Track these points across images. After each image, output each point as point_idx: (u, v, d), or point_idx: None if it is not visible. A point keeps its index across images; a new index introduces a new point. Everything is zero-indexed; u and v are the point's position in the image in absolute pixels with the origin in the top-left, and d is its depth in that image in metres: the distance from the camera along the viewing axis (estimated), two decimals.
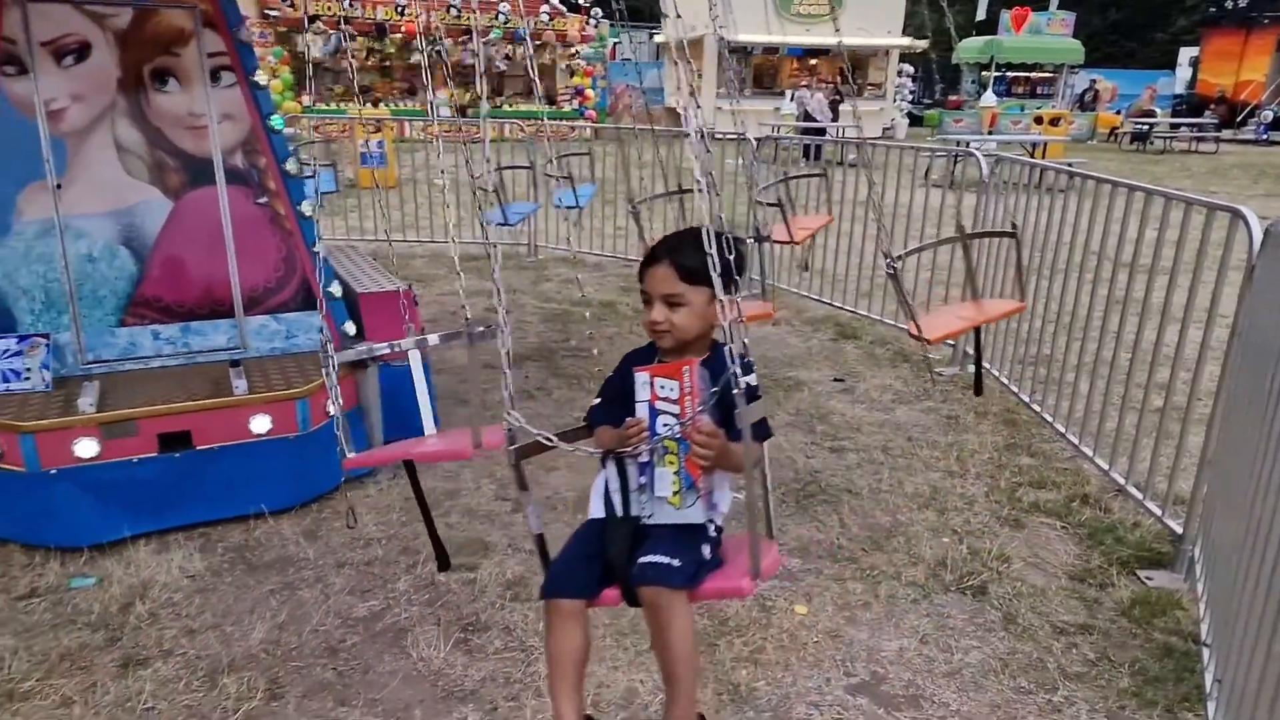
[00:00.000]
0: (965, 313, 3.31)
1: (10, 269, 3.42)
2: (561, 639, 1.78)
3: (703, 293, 1.79)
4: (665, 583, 1.66)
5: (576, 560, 1.83)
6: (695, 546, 1.75)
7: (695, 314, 1.82)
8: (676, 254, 1.83)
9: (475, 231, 8.69)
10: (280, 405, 3.35)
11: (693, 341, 1.83)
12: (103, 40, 3.40)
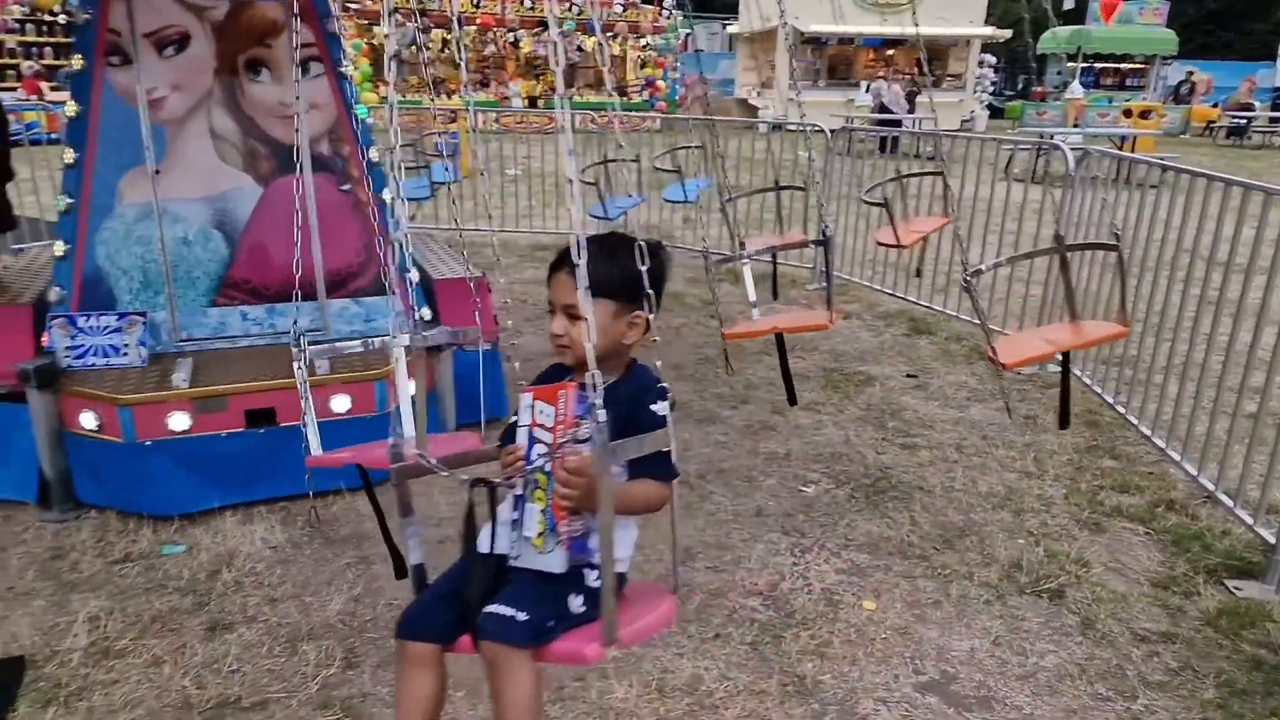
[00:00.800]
0: (1054, 336, 3.07)
1: (112, 250, 3.60)
2: (409, 685, 1.63)
3: (605, 306, 1.60)
4: (503, 639, 1.50)
5: (436, 600, 1.66)
6: (558, 598, 1.56)
7: (597, 329, 1.55)
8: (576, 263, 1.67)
9: (545, 222, 8.80)
10: (359, 386, 3.46)
11: (611, 359, 1.63)
12: (201, 31, 3.55)
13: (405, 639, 1.64)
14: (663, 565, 2.96)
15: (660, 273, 1.64)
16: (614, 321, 1.65)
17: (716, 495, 3.49)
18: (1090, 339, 3.35)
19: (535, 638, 1.53)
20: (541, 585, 1.56)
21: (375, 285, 3.91)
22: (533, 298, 6.35)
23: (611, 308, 1.63)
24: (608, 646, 1.50)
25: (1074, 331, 3.05)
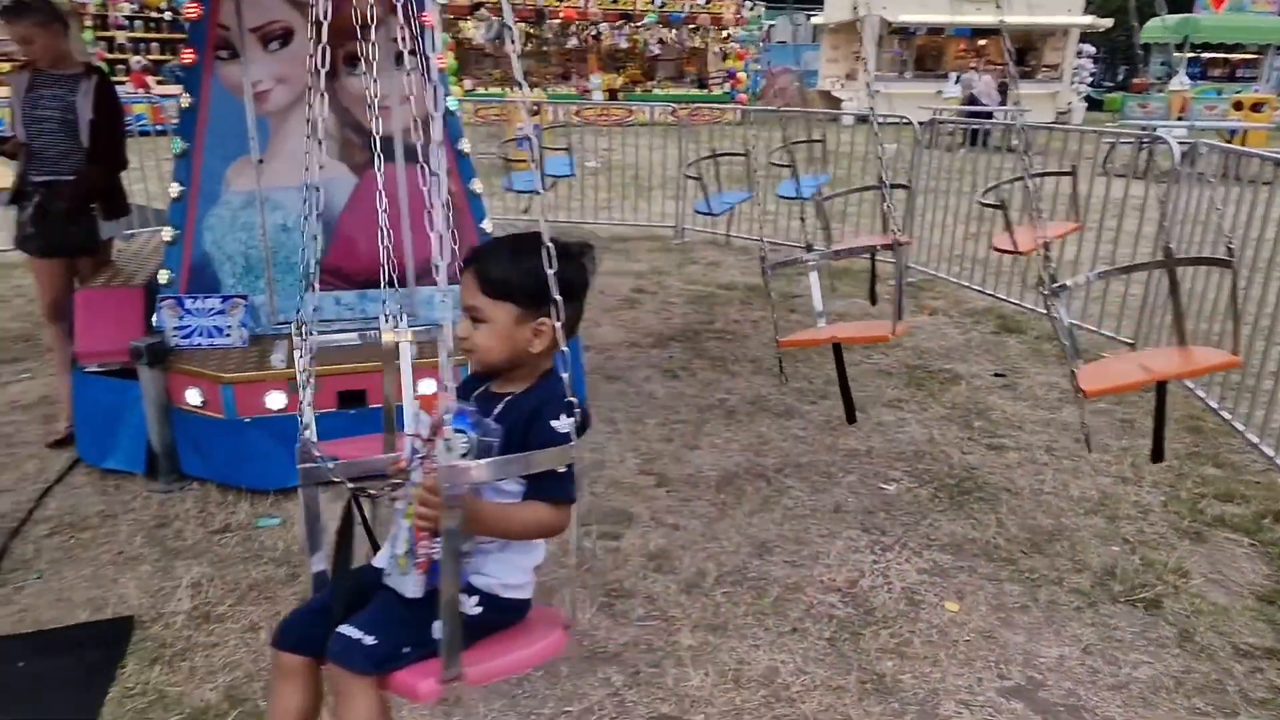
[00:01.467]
0: (1153, 362, 2.78)
1: (218, 236, 3.78)
2: (278, 696, 1.58)
3: (506, 310, 1.51)
4: (343, 663, 1.44)
5: (311, 612, 1.60)
6: (419, 624, 1.45)
7: (496, 334, 1.52)
8: (483, 261, 1.58)
9: (625, 214, 8.85)
10: None
11: (516, 368, 1.55)
12: (304, 26, 3.69)
13: (278, 648, 1.59)
14: (738, 557, 2.97)
15: (572, 277, 1.51)
16: (516, 328, 1.53)
17: (794, 490, 3.46)
18: (1194, 368, 3.06)
19: (378, 665, 1.46)
20: (403, 608, 1.46)
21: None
22: (611, 289, 6.41)
23: (514, 312, 1.52)
24: (446, 684, 1.41)
25: (1177, 358, 2.79)
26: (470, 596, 1.52)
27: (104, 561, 3.02)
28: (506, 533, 1.50)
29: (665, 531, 3.13)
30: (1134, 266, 3.03)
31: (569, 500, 1.50)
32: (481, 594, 1.54)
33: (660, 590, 2.78)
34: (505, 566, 1.56)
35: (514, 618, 1.61)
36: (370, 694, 1.47)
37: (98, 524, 3.24)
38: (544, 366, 1.57)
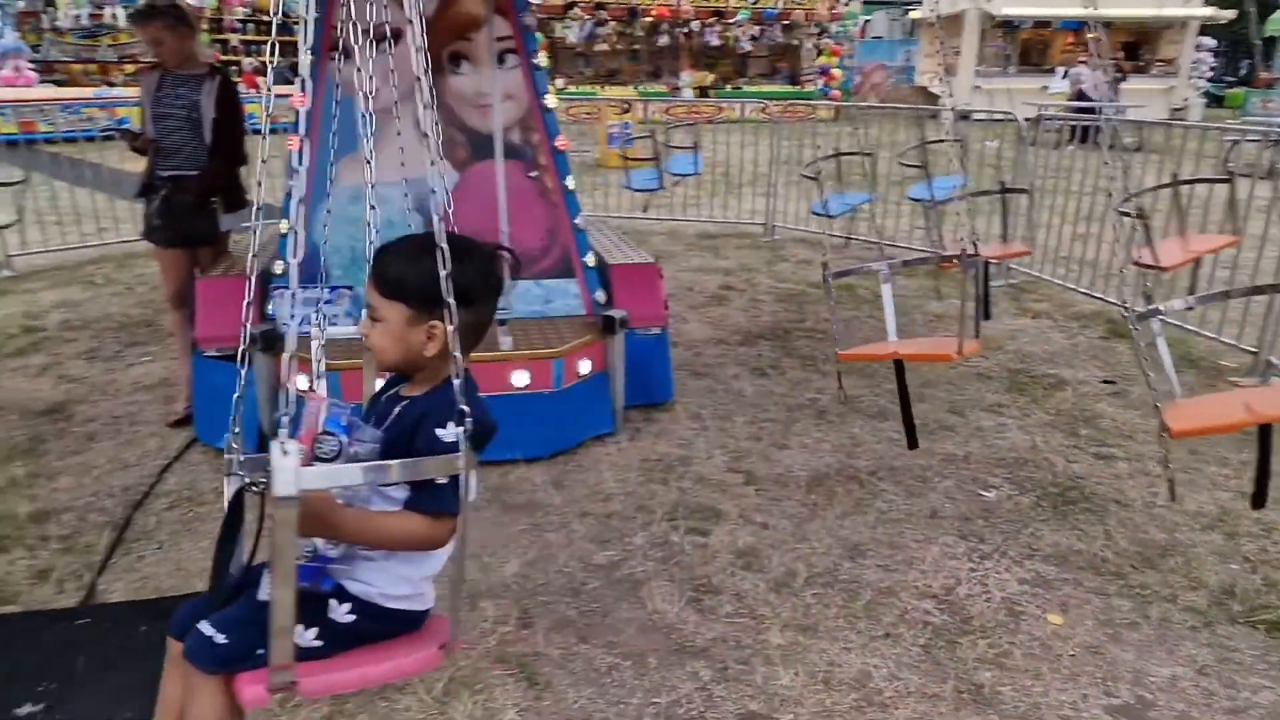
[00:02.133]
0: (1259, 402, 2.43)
1: (328, 229, 3.94)
2: (167, 682, 1.60)
3: (399, 310, 1.49)
4: (191, 659, 1.43)
5: (203, 603, 1.57)
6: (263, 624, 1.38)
7: (390, 334, 1.50)
8: (381, 259, 1.56)
9: (713, 210, 8.82)
10: (538, 363, 3.62)
11: (418, 370, 1.53)
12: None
13: (169, 635, 1.59)
14: (828, 559, 2.92)
15: (469, 281, 1.47)
16: (409, 329, 1.50)
17: (888, 493, 3.39)
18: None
19: (223, 664, 1.44)
20: (262, 610, 1.38)
21: (556, 268, 4.07)
22: (699, 285, 6.40)
23: (406, 313, 1.49)
24: (274, 692, 1.38)
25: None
26: (342, 604, 1.50)
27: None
28: (369, 541, 1.46)
29: (754, 530, 3.11)
30: (1260, 288, 2.72)
31: (447, 513, 1.44)
32: (356, 601, 1.51)
33: (749, 588, 2.77)
34: (387, 576, 1.52)
35: (398, 628, 1.57)
36: (214, 693, 1.46)
37: (213, 500, 3.43)
38: (445, 371, 1.46)
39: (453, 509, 1.44)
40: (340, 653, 1.51)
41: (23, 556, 3.01)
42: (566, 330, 3.83)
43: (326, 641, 1.50)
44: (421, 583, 1.57)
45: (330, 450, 1.42)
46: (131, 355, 5.05)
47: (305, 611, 1.40)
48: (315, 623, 1.48)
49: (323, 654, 1.50)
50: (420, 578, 1.57)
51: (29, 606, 2.76)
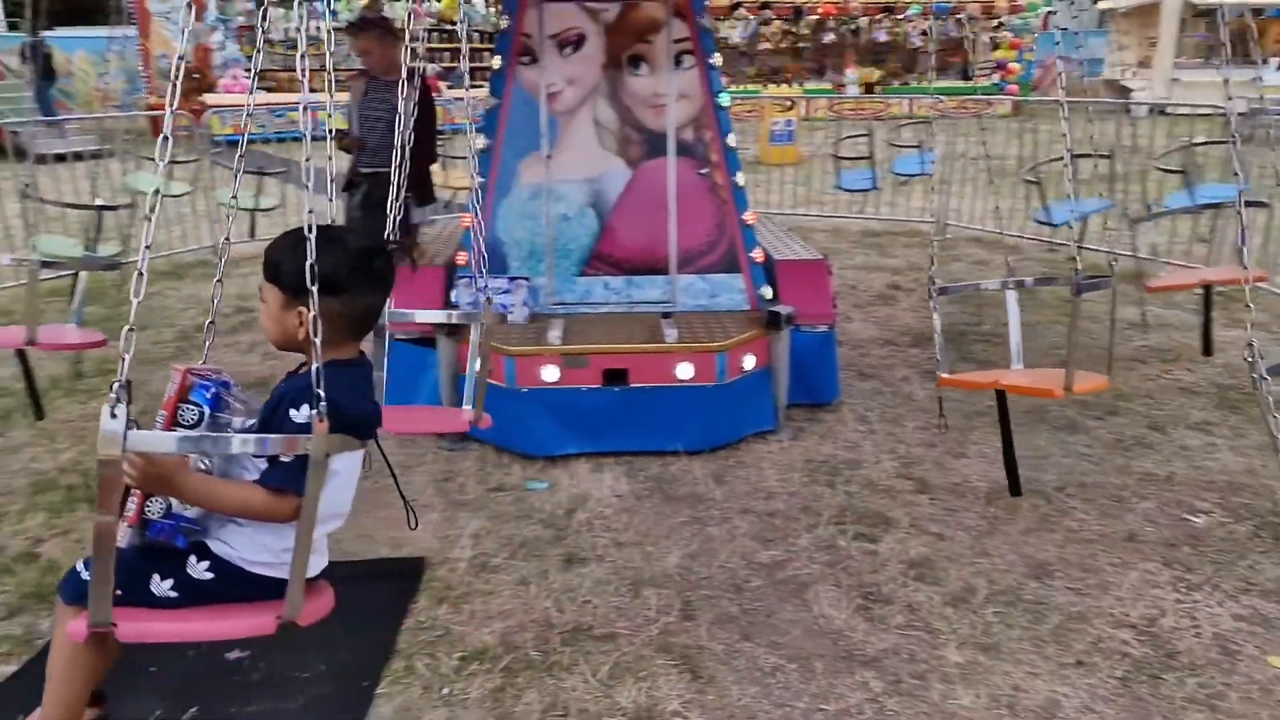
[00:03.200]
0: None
1: (509, 223, 4.13)
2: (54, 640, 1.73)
3: (275, 293, 1.57)
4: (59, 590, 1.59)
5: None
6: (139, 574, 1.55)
7: (269, 315, 1.59)
8: (271, 244, 1.63)
9: (878, 208, 8.53)
10: (702, 356, 3.63)
11: (301, 351, 1.58)
12: (594, 31, 3.94)
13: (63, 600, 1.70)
14: (1011, 576, 2.76)
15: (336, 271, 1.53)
16: (283, 312, 1.58)
17: (1078, 511, 3.15)
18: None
19: (81, 598, 1.52)
20: (132, 556, 1.55)
21: (722, 263, 4.07)
22: (864, 284, 6.21)
23: (280, 296, 1.58)
24: (92, 629, 1.47)
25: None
26: (201, 561, 1.60)
27: (400, 506, 3.40)
28: (210, 506, 1.55)
29: (928, 540, 2.98)
30: None
31: (287, 489, 1.49)
32: (216, 560, 1.60)
33: (923, 600, 2.65)
34: (249, 542, 1.61)
35: (256, 592, 1.63)
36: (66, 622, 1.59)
37: (397, 472, 3.66)
38: (327, 354, 1.54)
39: (295, 487, 1.50)
40: (194, 605, 1.62)
41: None
42: (731, 325, 3.82)
43: (181, 594, 1.61)
44: (283, 553, 1.62)
45: (190, 419, 1.56)
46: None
47: (164, 564, 1.58)
48: (172, 575, 1.61)
49: (177, 604, 1.61)
50: (282, 548, 1.62)
51: None
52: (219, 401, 1.63)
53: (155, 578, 1.59)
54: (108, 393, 1.37)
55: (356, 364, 1.71)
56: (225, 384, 1.69)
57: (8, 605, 2.76)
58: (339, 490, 1.68)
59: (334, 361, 1.59)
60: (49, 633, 2.63)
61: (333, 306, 1.55)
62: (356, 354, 1.74)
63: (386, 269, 1.72)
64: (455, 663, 2.48)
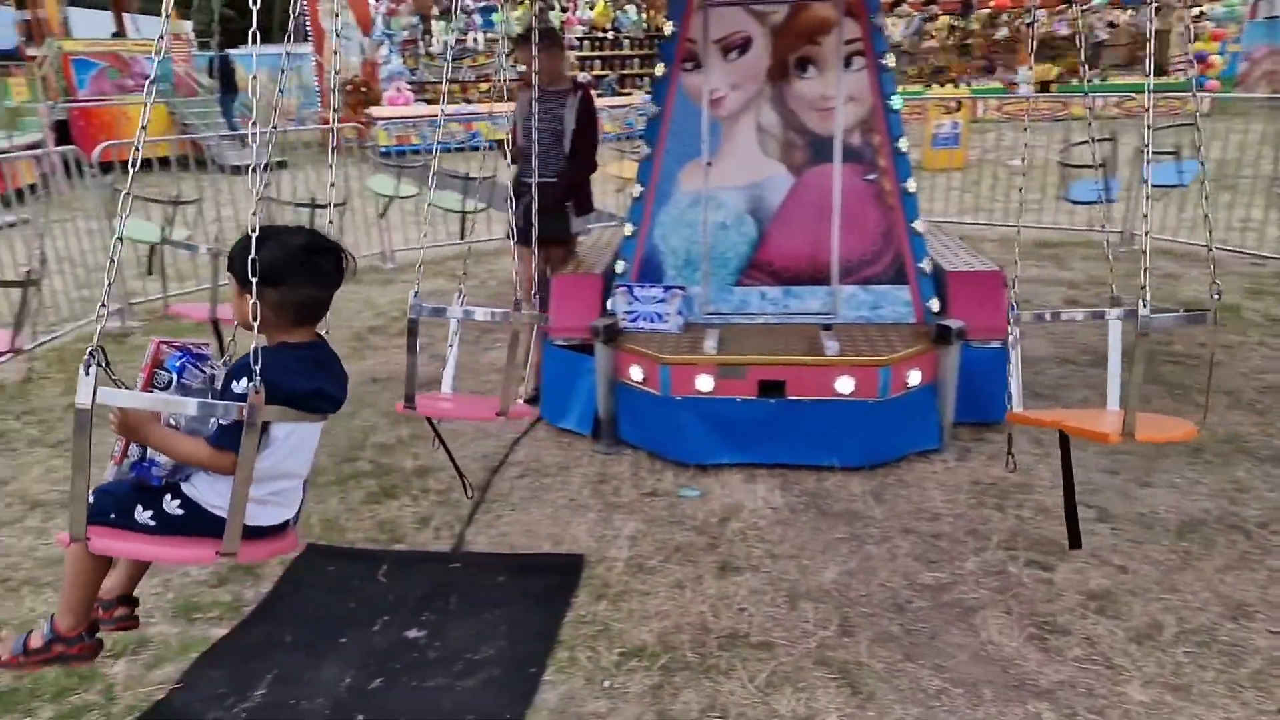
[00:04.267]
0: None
1: (666, 231, 4.20)
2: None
3: (232, 282, 1.84)
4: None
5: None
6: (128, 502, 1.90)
7: (232, 301, 1.90)
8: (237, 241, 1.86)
9: (1056, 216, 8.02)
10: (865, 370, 3.54)
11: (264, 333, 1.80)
12: (761, 35, 3.93)
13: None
14: (1205, 616, 2.54)
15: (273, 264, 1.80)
16: (239, 299, 1.83)
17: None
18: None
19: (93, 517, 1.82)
20: (126, 489, 1.92)
21: (888, 273, 3.96)
22: (1038, 298, 5.86)
23: (235, 285, 1.84)
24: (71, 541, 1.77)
25: None
26: (173, 499, 1.91)
27: (559, 504, 3.54)
28: (168, 454, 1.86)
29: (1109, 572, 2.78)
30: None
31: (225, 448, 1.79)
32: (186, 500, 1.91)
33: (1103, 634, 2.49)
34: (210, 489, 1.90)
35: (214, 530, 1.87)
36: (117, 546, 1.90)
37: (555, 472, 3.81)
38: (278, 337, 1.91)
39: (232, 447, 1.78)
40: (167, 535, 1.92)
41: (408, 504, 3.57)
42: (896, 338, 3.71)
43: (158, 524, 1.91)
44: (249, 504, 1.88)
45: (161, 382, 1.89)
46: (487, 340, 5.76)
47: (147, 499, 1.91)
48: (151, 508, 1.91)
49: (153, 532, 1.91)
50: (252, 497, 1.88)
51: (412, 546, 3.27)
52: (185, 370, 1.96)
53: (139, 508, 1.91)
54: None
55: (307, 346, 1.96)
56: (201, 356, 2.01)
57: (217, 575, 3.08)
58: (286, 454, 1.93)
59: (283, 344, 1.92)
60: (254, 600, 2.93)
61: (272, 296, 1.84)
62: (310, 338, 2.00)
63: (328, 265, 1.97)
64: (615, 657, 2.55)
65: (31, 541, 3.33)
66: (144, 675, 2.57)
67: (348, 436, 4.23)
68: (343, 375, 2.03)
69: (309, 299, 1.95)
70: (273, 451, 1.88)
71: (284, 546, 2.09)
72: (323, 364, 1.98)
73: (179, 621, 2.82)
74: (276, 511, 2.00)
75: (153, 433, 1.84)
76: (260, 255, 1.76)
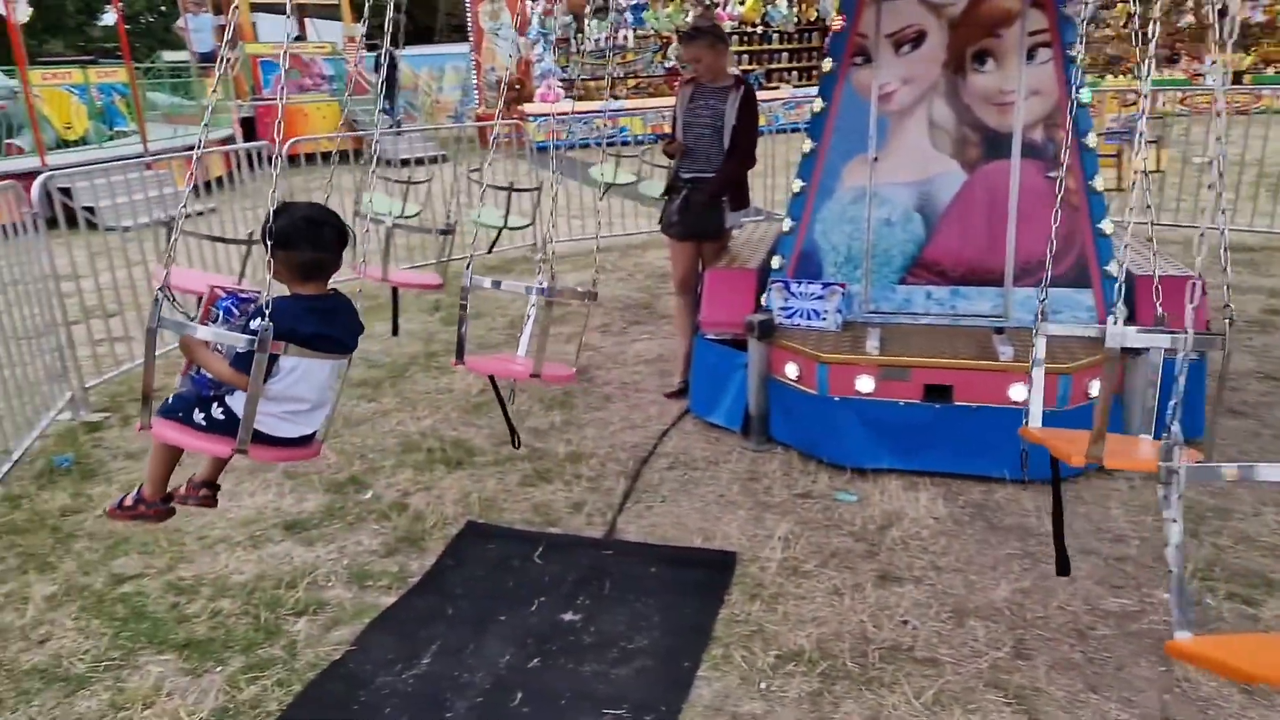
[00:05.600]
0: None
1: (827, 227, 4.10)
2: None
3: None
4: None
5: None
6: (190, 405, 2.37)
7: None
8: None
9: (1252, 219, 7.32)
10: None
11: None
12: (936, 28, 3.77)
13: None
14: None
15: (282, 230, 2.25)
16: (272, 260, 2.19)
17: None
18: None
19: (162, 413, 2.36)
20: (191, 396, 2.42)
21: (1068, 276, 3.72)
22: (1235, 306, 5.33)
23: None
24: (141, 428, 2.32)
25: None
26: (218, 408, 2.34)
27: (709, 499, 3.53)
28: (210, 372, 2.33)
29: None
30: None
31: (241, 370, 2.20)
32: (228, 410, 2.32)
33: None
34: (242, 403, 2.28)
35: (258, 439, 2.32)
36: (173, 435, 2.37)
37: (703, 467, 3.80)
38: (294, 289, 2.37)
39: (245, 370, 2.18)
40: (211, 433, 2.33)
41: (560, 489, 3.65)
42: (1077, 345, 3.48)
43: (208, 425, 2.34)
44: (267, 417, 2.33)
45: (212, 319, 2.51)
46: (635, 332, 5.83)
47: (204, 405, 2.36)
48: (204, 411, 2.36)
49: (202, 429, 2.34)
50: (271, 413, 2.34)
51: (566, 530, 3.34)
52: (230, 311, 2.55)
53: (196, 411, 2.37)
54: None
55: (316, 298, 2.39)
56: (245, 300, 2.55)
57: (386, 546, 3.26)
58: (295, 382, 2.34)
59: (296, 295, 2.36)
60: (419, 571, 3.08)
61: (284, 257, 2.27)
62: (320, 291, 2.41)
63: (329, 235, 2.40)
64: (771, 660, 2.52)
65: (223, 504, 3.59)
66: (322, 635, 2.74)
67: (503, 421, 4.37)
68: (351, 325, 2.47)
69: (311, 260, 2.37)
70: (282, 378, 2.30)
71: (302, 454, 2.55)
72: (329, 313, 2.39)
73: (352, 587, 2.99)
74: (293, 428, 2.44)
75: (200, 355, 2.32)
76: (275, 224, 2.21)
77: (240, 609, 2.88)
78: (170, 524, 3.40)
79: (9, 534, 3.40)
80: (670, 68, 18.70)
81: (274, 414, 2.35)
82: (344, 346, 2.43)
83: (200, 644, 2.72)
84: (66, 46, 26.67)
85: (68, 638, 2.77)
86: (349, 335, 2.45)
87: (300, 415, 2.43)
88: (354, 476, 3.82)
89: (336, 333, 2.40)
